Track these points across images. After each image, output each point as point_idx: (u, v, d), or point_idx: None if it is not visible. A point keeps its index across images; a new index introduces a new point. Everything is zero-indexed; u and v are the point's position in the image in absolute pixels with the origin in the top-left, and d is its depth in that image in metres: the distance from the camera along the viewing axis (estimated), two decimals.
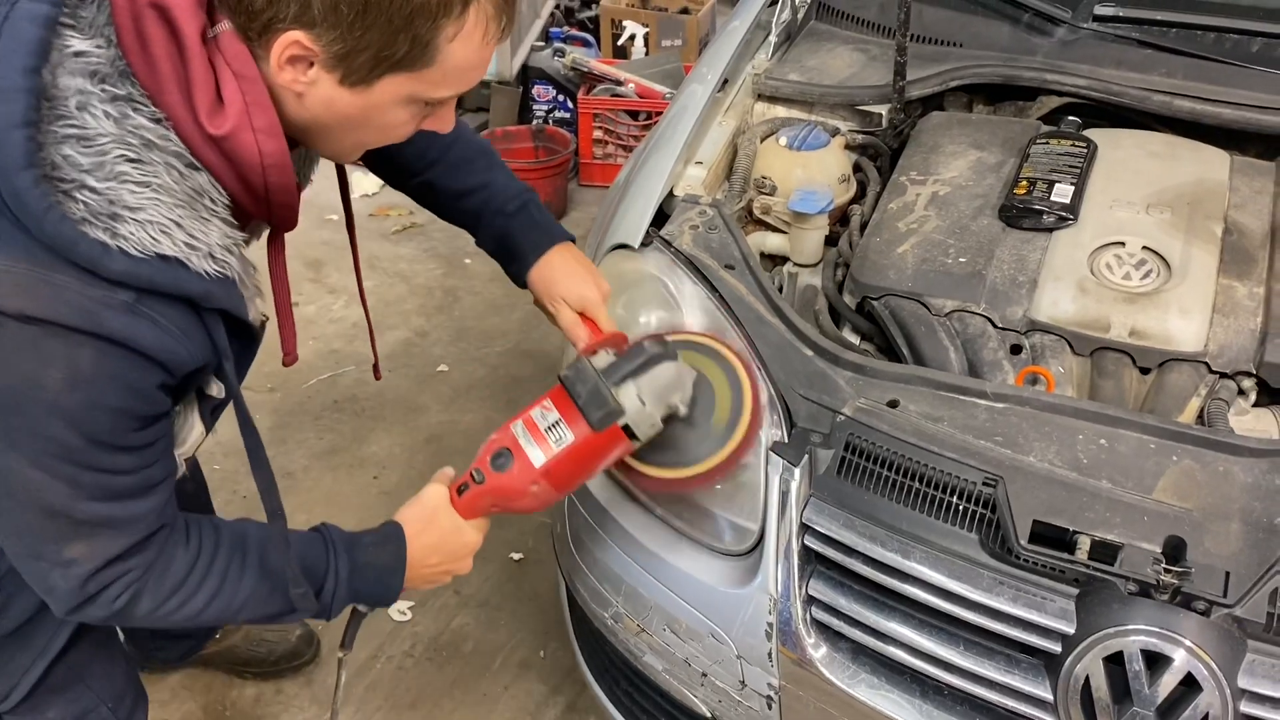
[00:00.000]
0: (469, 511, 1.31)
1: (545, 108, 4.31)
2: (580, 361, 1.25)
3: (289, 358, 1.24)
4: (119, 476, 1.04)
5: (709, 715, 1.48)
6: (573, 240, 1.48)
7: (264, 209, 1.07)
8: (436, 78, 1.02)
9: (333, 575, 1.23)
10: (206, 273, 1.00)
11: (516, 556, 2.52)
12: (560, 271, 1.43)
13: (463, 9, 0.97)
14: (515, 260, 1.46)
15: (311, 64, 0.97)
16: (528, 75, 4.29)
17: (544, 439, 1.25)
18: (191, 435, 1.17)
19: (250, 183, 1.02)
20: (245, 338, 1.15)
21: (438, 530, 1.30)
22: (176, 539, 1.14)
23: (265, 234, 1.19)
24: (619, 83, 4.08)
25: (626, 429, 1.25)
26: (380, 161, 1.45)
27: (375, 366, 1.60)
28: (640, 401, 1.24)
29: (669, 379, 1.27)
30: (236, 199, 1.04)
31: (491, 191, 1.48)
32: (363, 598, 1.28)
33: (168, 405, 1.06)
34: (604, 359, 1.27)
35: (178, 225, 0.97)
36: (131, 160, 0.94)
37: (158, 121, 0.96)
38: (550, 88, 4.27)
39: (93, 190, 0.93)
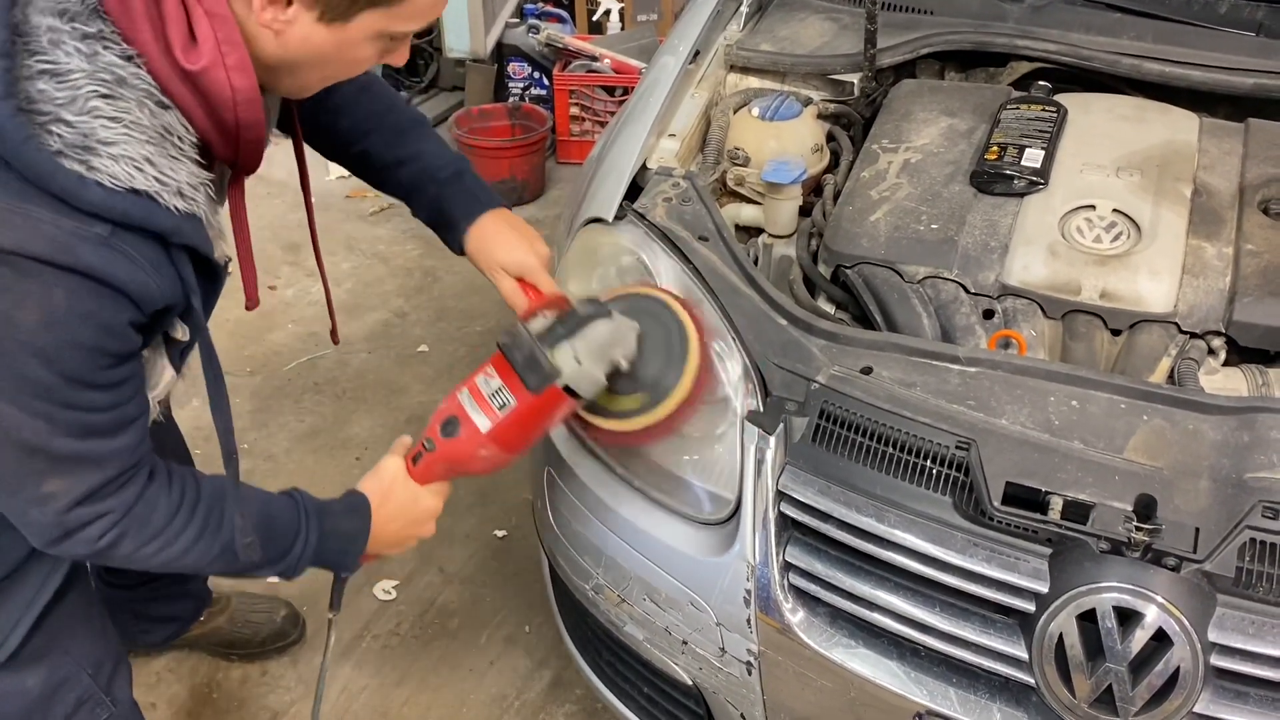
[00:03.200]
0: (425, 478, 1.37)
1: (521, 85, 4.29)
2: (516, 327, 1.29)
3: (251, 302, 1.27)
4: (94, 414, 1.06)
5: (690, 683, 1.50)
6: (506, 207, 1.51)
7: (232, 148, 1.08)
8: (409, 12, 1.06)
9: (302, 540, 1.29)
10: (176, 209, 1.02)
11: (500, 534, 2.53)
12: (494, 239, 1.46)
13: None
14: (449, 228, 1.49)
15: (291, 2, 1.00)
16: (502, 53, 4.27)
17: (488, 405, 1.29)
18: (163, 379, 1.20)
19: (221, 119, 1.04)
20: (210, 277, 1.17)
21: (396, 501, 1.36)
22: (159, 486, 1.17)
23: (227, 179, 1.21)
24: (595, 58, 4.06)
25: (568, 389, 1.28)
26: (318, 133, 1.47)
27: (333, 332, 1.67)
28: (577, 361, 1.27)
29: (606, 337, 1.29)
30: (205, 138, 1.06)
31: (424, 161, 1.50)
32: (324, 562, 1.34)
33: (138, 343, 1.08)
34: (541, 322, 1.30)
35: (149, 162, 0.99)
36: (104, 96, 0.96)
37: (128, 59, 0.97)
38: (526, 65, 4.25)
39: (68, 124, 0.94)
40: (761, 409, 1.38)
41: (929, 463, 1.27)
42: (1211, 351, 1.40)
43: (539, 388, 1.26)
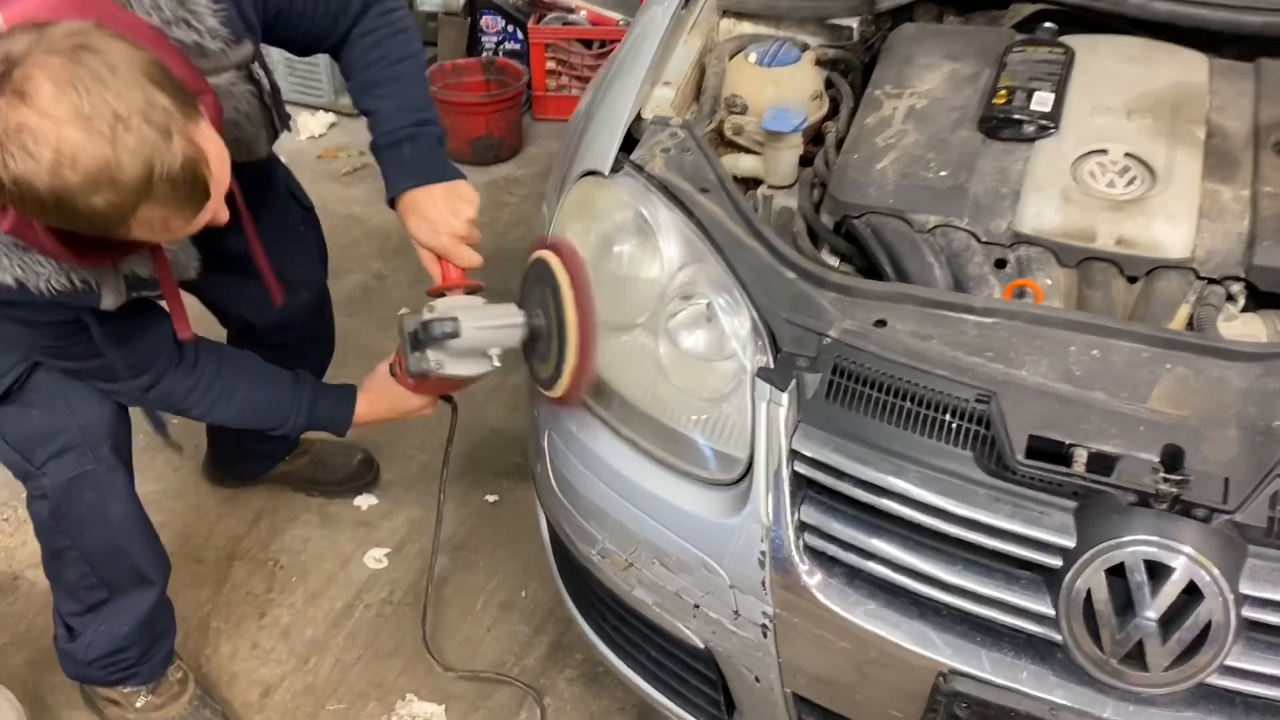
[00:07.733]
0: (404, 386, 1.74)
1: (494, 39, 4.18)
2: (401, 320, 1.55)
3: (182, 335, 1.52)
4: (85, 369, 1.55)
5: (702, 646, 1.46)
6: (452, 178, 1.60)
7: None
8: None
9: (290, 422, 1.75)
10: (44, 291, 1.32)
11: (492, 499, 2.49)
12: (415, 213, 1.58)
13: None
14: (387, 189, 1.61)
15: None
16: (475, 5, 4.16)
17: (402, 370, 1.65)
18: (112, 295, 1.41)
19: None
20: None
21: (386, 399, 1.77)
22: (183, 371, 1.61)
23: None
24: (570, 10, 3.96)
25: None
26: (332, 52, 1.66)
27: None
28: (438, 365, 1.50)
29: (461, 347, 1.48)
30: None
31: (377, 119, 1.60)
32: (315, 429, 1.81)
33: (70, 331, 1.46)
34: (424, 316, 1.50)
35: (17, 267, 1.30)
36: None
37: None
38: (498, 18, 4.14)
39: None
40: (772, 366, 1.34)
41: (948, 417, 1.23)
42: (1230, 297, 1.37)
43: (414, 377, 1.55)
